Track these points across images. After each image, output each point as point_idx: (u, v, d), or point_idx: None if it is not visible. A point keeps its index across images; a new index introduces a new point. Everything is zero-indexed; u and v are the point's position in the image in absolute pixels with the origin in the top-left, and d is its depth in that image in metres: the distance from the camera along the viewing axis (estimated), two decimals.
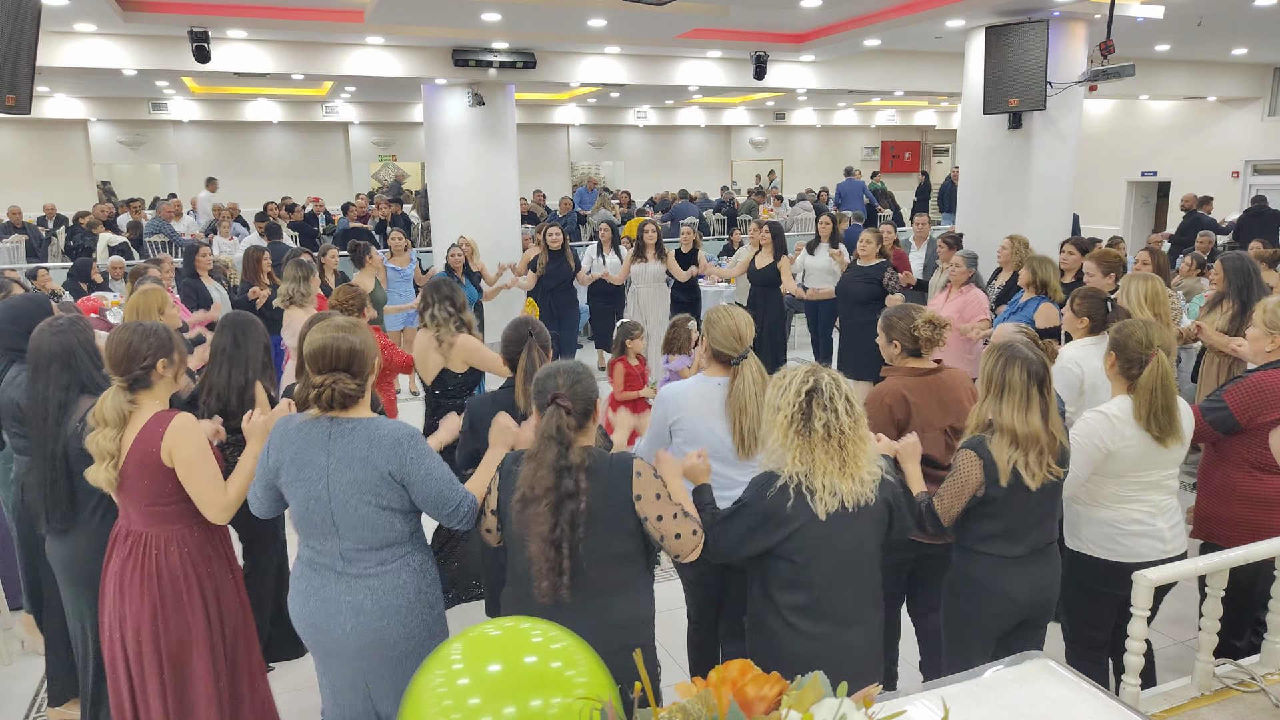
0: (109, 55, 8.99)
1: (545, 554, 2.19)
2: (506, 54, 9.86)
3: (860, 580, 2.44)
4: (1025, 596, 2.75)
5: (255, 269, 6.71)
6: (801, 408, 2.35)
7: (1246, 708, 2.76)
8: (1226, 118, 14.69)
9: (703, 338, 3.09)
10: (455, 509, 2.41)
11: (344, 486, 2.34)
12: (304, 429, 2.41)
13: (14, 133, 16.63)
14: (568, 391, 2.28)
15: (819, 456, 2.34)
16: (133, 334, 2.61)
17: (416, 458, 2.36)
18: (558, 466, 2.20)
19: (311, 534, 2.42)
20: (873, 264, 6.73)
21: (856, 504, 2.35)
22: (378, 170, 19.65)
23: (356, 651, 2.40)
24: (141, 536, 2.63)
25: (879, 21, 8.87)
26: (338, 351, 2.36)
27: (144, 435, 2.57)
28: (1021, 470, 2.63)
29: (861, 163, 22.29)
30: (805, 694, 1.38)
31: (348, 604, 2.38)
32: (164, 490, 2.60)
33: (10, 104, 4.83)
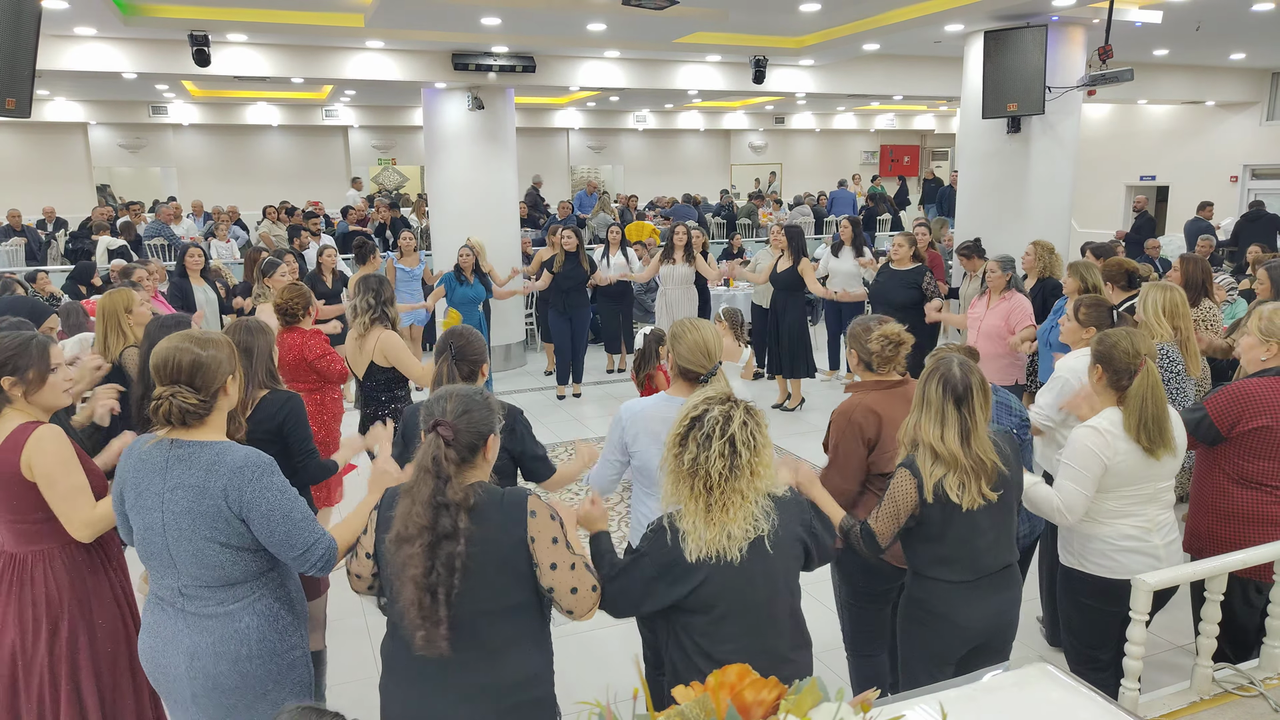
0: (109, 59, 9.00)
1: (419, 600, 1.93)
2: (506, 58, 9.88)
3: (773, 625, 2.20)
4: (976, 624, 2.63)
5: (253, 269, 6.64)
6: (680, 436, 2.14)
7: (1245, 712, 2.76)
8: (1225, 122, 14.71)
9: (668, 355, 2.88)
10: (305, 552, 2.17)
11: (178, 516, 2.13)
12: (147, 451, 2.21)
13: (14, 136, 16.64)
14: (454, 420, 2.02)
15: (684, 494, 2.13)
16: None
17: (260, 491, 2.12)
18: (434, 503, 1.94)
19: (151, 566, 2.23)
20: (909, 268, 6.66)
21: (719, 556, 2.09)
22: (377, 174, 19.67)
23: (192, 696, 2.21)
24: (13, 558, 2.51)
25: (878, 26, 8.88)
26: (179, 364, 2.18)
27: (4, 447, 2.43)
28: (950, 490, 2.53)
29: (861, 166, 22.32)
30: (803, 699, 1.38)
31: (184, 645, 2.18)
32: (26, 506, 2.45)
33: (10, 107, 4.83)
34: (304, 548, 2.17)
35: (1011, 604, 2.71)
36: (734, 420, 2.10)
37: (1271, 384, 3.12)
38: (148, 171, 18.09)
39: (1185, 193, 14.86)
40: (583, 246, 8.15)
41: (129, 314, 4.12)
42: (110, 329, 4.10)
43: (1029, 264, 6.26)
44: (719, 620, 2.14)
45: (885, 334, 3.05)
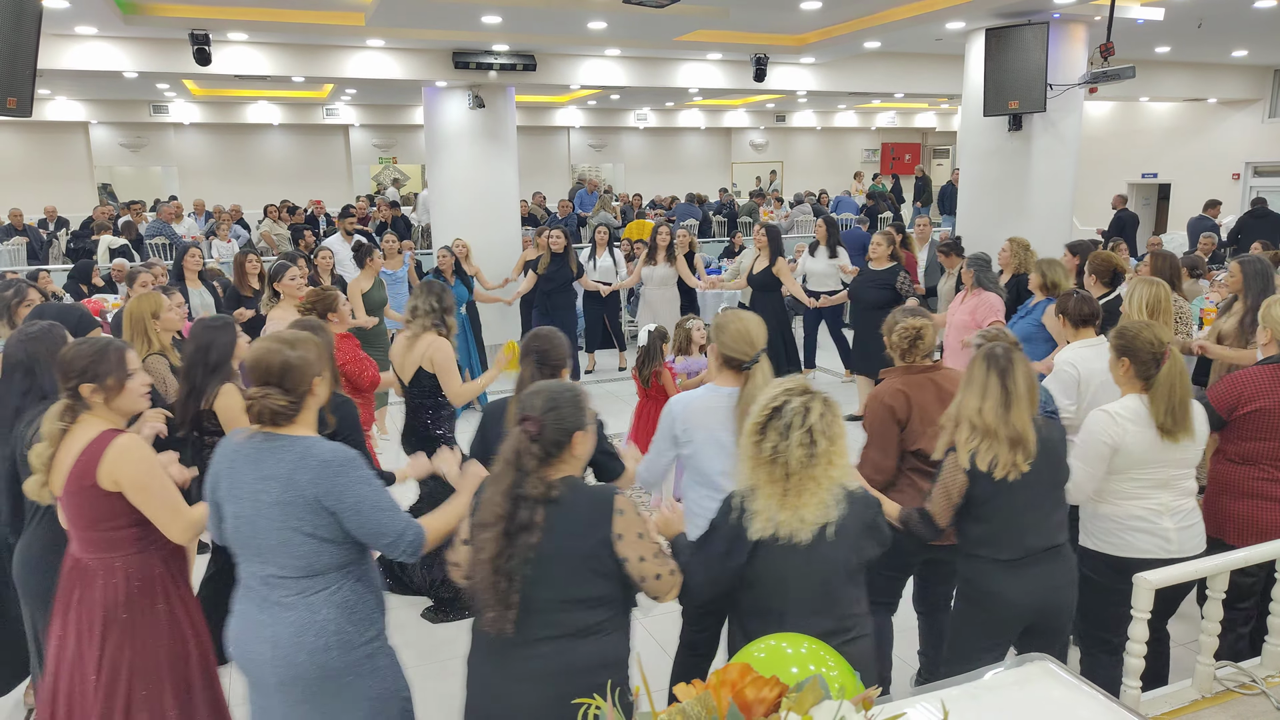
0: (110, 58, 9.00)
1: (492, 582, 2.03)
2: (507, 56, 9.87)
3: (831, 610, 2.27)
4: (1023, 600, 2.74)
5: (240, 274, 6.39)
6: (759, 425, 2.23)
7: (1247, 710, 2.75)
8: (1227, 119, 14.68)
9: (711, 344, 2.98)
10: (396, 539, 2.24)
11: (268, 507, 2.19)
12: (241, 443, 2.29)
13: (15, 135, 16.65)
14: (540, 415, 2.11)
15: (761, 479, 2.23)
16: (73, 349, 2.51)
17: (347, 485, 2.19)
18: (512, 495, 2.06)
19: (240, 554, 2.30)
20: (884, 268, 6.74)
21: (789, 538, 2.19)
22: (378, 173, 19.67)
23: (277, 683, 2.26)
24: (80, 564, 2.51)
25: (879, 23, 8.87)
26: (269, 366, 2.24)
27: (83, 457, 2.42)
28: (980, 459, 2.68)
29: (862, 164, 22.31)
30: (804, 696, 1.38)
31: (267, 633, 2.24)
32: (103, 515, 2.45)
33: (11, 106, 4.83)
34: (395, 535, 2.24)
35: (1061, 585, 2.81)
36: (813, 411, 2.21)
37: (1266, 371, 3.33)
38: (149, 170, 18.11)
39: (1187, 190, 14.84)
40: (570, 248, 7.95)
41: (156, 320, 3.98)
42: (136, 335, 3.91)
43: (1005, 260, 6.33)
44: (775, 601, 2.23)
45: (905, 327, 3.26)
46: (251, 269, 6.44)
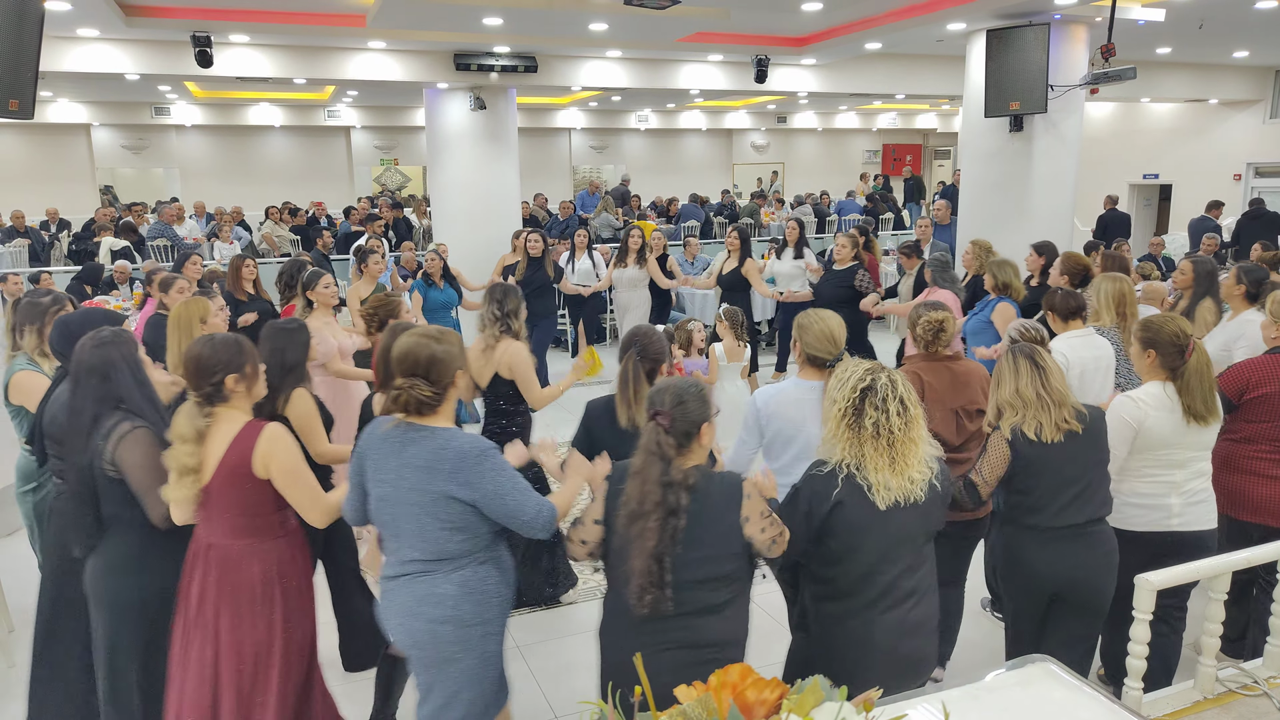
0: (111, 60, 9.01)
1: (649, 569, 2.20)
2: (508, 58, 9.88)
3: (912, 566, 2.50)
4: (1047, 572, 2.94)
5: (236, 278, 6.30)
6: (855, 404, 2.44)
7: (1249, 711, 2.75)
8: (1228, 120, 14.67)
9: (795, 343, 3.16)
10: (531, 519, 2.39)
11: (407, 493, 2.37)
12: (387, 431, 2.44)
13: (17, 137, 16.68)
14: (669, 409, 2.28)
15: (868, 452, 2.42)
16: (204, 347, 2.57)
17: (484, 474, 2.34)
18: (663, 482, 2.22)
19: (383, 533, 2.49)
20: (845, 267, 6.91)
21: (906, 499, 2.41)
22: (379, 174, 19.69)
23: (411, 647, 2.48)
24: (225, 550, 2.59)
25: (880, 25, 8.88)
26: (417, 358, 2.37)
27: (235, 447, 2.53)
28: (1028, 430, 2.92)
29: (864, 165, 22.30)
30: (805, 698, 1.38)
31: (398, 606, 2.45)
32: (254, 501, 2.57)
33: (13, 108, 4.84)
34: (531, 515, 2.39)
35: (1092, 563, 2.96)
36: (898, 383, 2.45)
37: (1273, 359, 3.59)
38: (150, 172, 18.13)
39: (1188, 191, 14.83)
40: (548, 252, 7.89)
41: (204, 324, 3.91)
42: (184, 340, 3.82)
43: (968, 262, 6.49)
44: (850, 553, 2.44)
45: (929, 320, 3.55)
46: (248, 273, 6.36)
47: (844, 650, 2.48)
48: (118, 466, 2.63)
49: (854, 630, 2.46)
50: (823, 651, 2.53)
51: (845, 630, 2.48)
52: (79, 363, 2.73)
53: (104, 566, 2.75)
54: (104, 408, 2.69)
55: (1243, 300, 4.47)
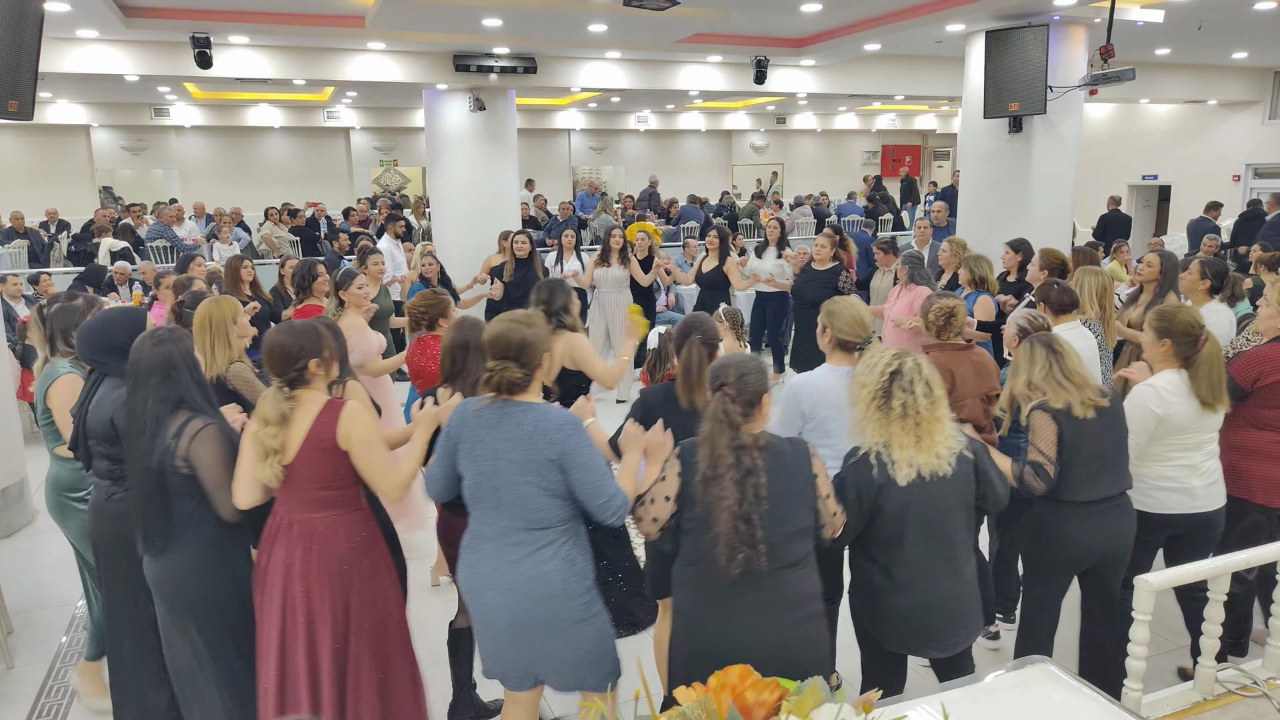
0: (111, 61, 9.02)
1: (735, 528, 2.29)
2: (507, 59, 9.89)
3: (947, 537, 2.66)
4: (1087, 543, 3.11)
5: (234, 280, 6.23)
6: (884, 387, 2.60)
7: (1249, 712, 2.75)
8: (1227, 121, 14.69)
9: (825, 329, 3.30)
10: (608, 501, 2.51)
11: (509, 465, 2.50)
12: (480, 411, 2.59)
13: (16, 138, 16.68)
14: (734, 382, 2.41)
15: (895, 432, 2.60)
16: (286, 336, 2.69)
17: (577, 446, 2.49)
18: (733, 446, 2.34)
19: (478, 508, 2.61)
20: (827, 267, 6.97)
21: (934, 474, 2.58)
22: (379, 175, 19.70)
23: (510, 624, 2.56)
24: (309, 523, 2.70)
25: (879, 26, 8.88)
26: (509, 341, 2.53)
27: (320, 423, 2.66)
28: (1074, 407, 3.04)
29: (863, 166, 22.31)
30: (804, 699, 1.38)
31: (501, 581, 2.54)
32: (337, 474, 2.69)
33: (13, 110, 4.83)
34: (607, 497, 2.50)
35: (1122, 532, 3.17)
36: (924, 366, 2.62)
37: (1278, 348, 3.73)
38: (150, 173, 18.13)
39: (1188, 192, 14.84)
40: (535, 252, 7.80)
41: (235, 324, 3.84)
42: (218, 340, 3.75)
43: (945, 260, 6.60)
44: (894, 528, 2.60)
45: (940, 307, 3.80)
46: (246, 274, 6.32)
47: (892, 618, 2.69)
48: (191, 464, 2.69)
49: (901, 602, 2.65)
50: (872, 619, 2.74)
51: (894, 602, 2.66)
52: (138, 362, 2.73)
53: (184, 567, 2.77)
54: (166, 407, 2.71)
55: (1205, 294, 4.76)
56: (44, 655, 4.06)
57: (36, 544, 5.31)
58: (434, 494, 2.72)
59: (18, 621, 4.34)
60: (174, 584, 2.79)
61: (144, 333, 2.83)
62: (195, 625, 2.80)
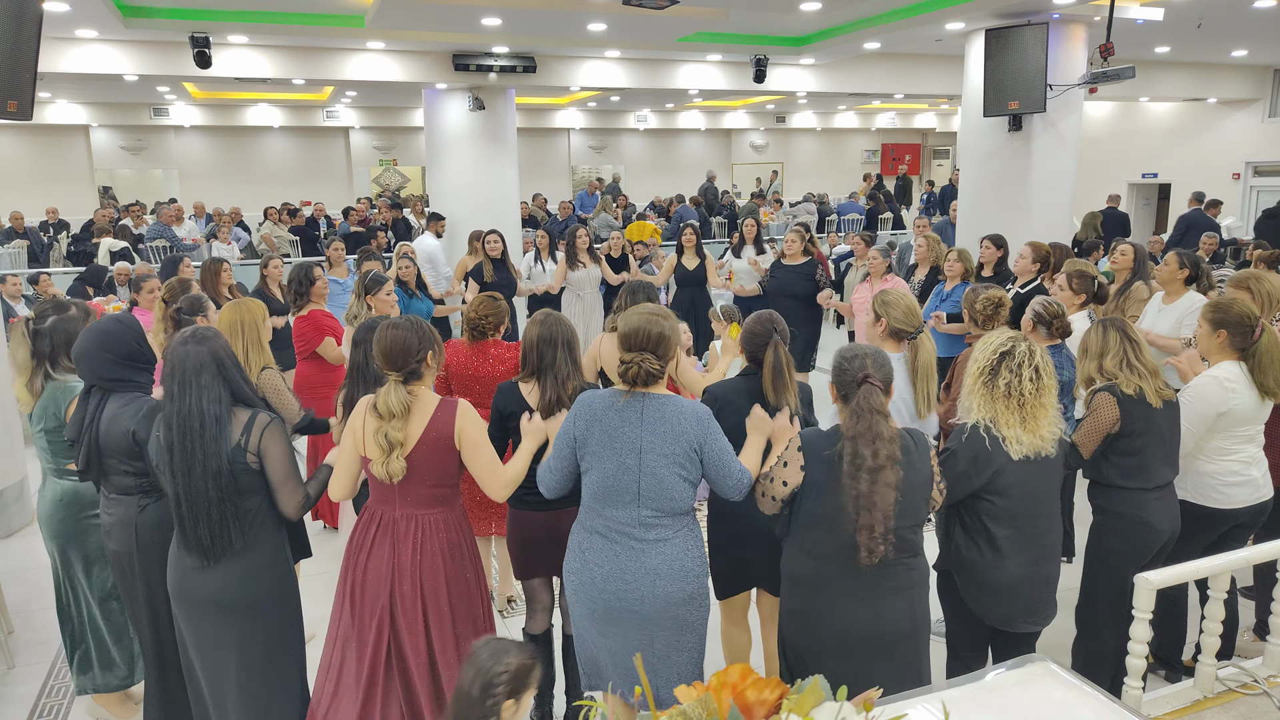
0: (110, 61, 9.01)
1: (876, 521, 2.33)
2: (507, 58, 9.88)
3: (1046, 513, 2.77)
4: (1165, 525, 3.16)
5: (214, 283, 6.05)
6: (992, 365, 2.71)
7: (1249, 710, 2.75)
8: (1227, 119, 14.68)
9: (880, 319, 3.46)
10: (738, 479, 2.59)
11: (655, 457, 2.53)
12: (614, 405, 2.61)
13: (16, 138, 16.67)
14: (876, 372, 2.44)
15: (1000, 410, 2.70)
16: (402, 331, 2.72)
17: (715, 433, 2.58)
18: (889, 437, 2.37)
19: (612, 502, 2.59)
20: (801, 262, 6.99)
21: (1037, 453, 2.68)
22: (378, 175, 19.69)
23: (653, 613, 2.57)
24: (418, 519, 2.74)
25: (879, 24, 8.88)
26: (648, 334, 2.57)
27: (438, 419, 2.70)
28: (1148, 394, 3.10)
29: (863, 165, 22.30)
30: (805, 698, 1.38)
31: (646, 567, 2.56)
32: (450, 471, 2.75)
33: (12, 110, 4.83)
34: (739, 473, 2.59)
35: (1178, 512, 3.24)
36: (1036, 352, 2.70)
37: None
38: (149, 173, 18.12)
39: (1187, 190, 14.81)
40: (507, 253, 7.68)
41: (265, 325, 3.72)
42: (251, 345, 3.63)
43: (921, 255, 6.66)
44: (1005, 503, 2.70)
45: (988, 298, 3.89)
46: (225, 277, 6.19)
47: (998, 591, 2.77)
48: (261, 456, 2.65)
49: (1007, 575, 2.74)
50: (978, 592, 2.81)
51: (999, 576, 2.75)
52: (183, 363, 2.61)
53: (250, 567, 2.69)
54: (224, 406, 2.63)
55: (1182, 285, 4.81)
56: (44, 655, 4.06)
57: (36, 544, 5.30)
58: (549, 487, 2.72)
59: (18, 621, 4.34)
60: (237, 587, 2.68)
61: (179, 334, 2.72)
62: (250, 627, 2.71)
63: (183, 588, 2.71)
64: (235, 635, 2.72)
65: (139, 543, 2.99)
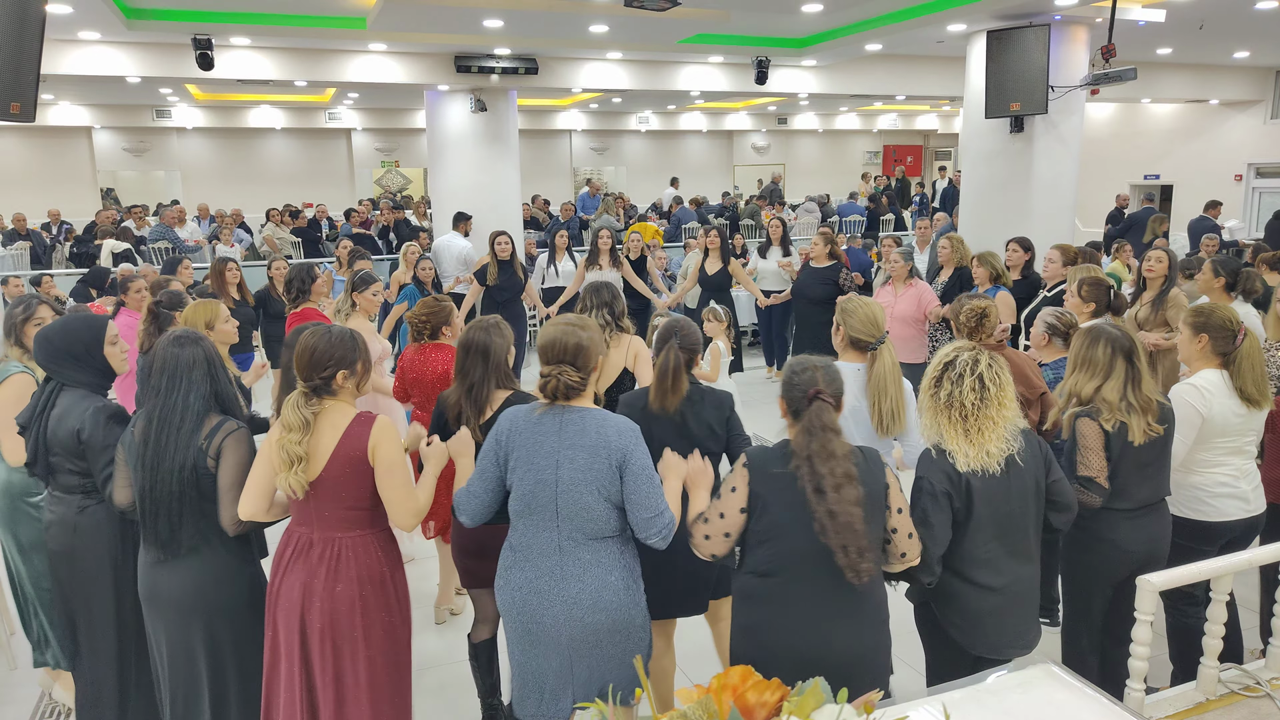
0: (113, 62, 9.03)
1: (853, 539, 2.23)
2: (509, 60, 9.89)
3: (1021, 533, 2.62)
4: (1136, 548, 3.04)
5: (220, 282, 6.11)
6: (936, 376, 2.59)
7: (1252, 713, 2.74)
8: (1229, 121, 14.67)
9: (839, 327, 3.24)
10: (658, 516, 2.40)
11: (573, 473, 2.40)
12: (535, 418, 2.49)
13: (19, 140, 16.70)
14: (827, 388, 2.34)
15: (943, 422, 2.57)
16: (319, 340, 2.58)
17: (638, 452, 2.42)
18: (840, 454, 2.27)
19: (532, 519, 2.47)
20: (825, 265, 7.01)
21: (984, 470, 2.51)
22: (380, 176, 19.71)
23: (569, 640, 2.45)
24: (334, 542, 2.57)
25: (880, 26, 8.88)
26: (564, 345, 2.45)
27: (351, 435, 2.54)
28: (1134, 431, 2.95)
29: (864, 166, 22.30)
30: (805, 700, 1.38)
31: (565, 594, 2.42)
32: (364, 492, 2.57)
33: (15, 112, 4.83)
34: (656, 511, 2.40)
35: (1164, 533, 3.13)
36: (981, 362, 2.55)
37: None
38: (152, 175, 18.15)
39: (1190, 192, 14.82)
40: (516, 254, 7.67)
41: (210, 330, 3.74)
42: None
43: (946, 257, 6.64)
44: (979, 526, 2.54)
45: (971, 309, 3.75)
46: (231, 277, 6.24)
47: (980, 620, 2.63)
48: (218, 461, 2.61)
49: (989, 603, 2.61)
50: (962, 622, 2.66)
51: (982, 604, 2.61)
52: (176, 359, 2.65)
53: (206, 572, 2.67)
54: (208, 405, 2.65)
55: (1222, 292, 4.69)
56: None
57: None
58: (471, 513, 2.55)
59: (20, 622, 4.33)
60: (193, 592, 2.66)
61: (166, 335, 2.75)
62: (208, 634, 2.69)
63: (150, 590, 2.70)
64: (185, 640, 2.68)
65: (76, 545, 2.95)
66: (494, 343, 3.09)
